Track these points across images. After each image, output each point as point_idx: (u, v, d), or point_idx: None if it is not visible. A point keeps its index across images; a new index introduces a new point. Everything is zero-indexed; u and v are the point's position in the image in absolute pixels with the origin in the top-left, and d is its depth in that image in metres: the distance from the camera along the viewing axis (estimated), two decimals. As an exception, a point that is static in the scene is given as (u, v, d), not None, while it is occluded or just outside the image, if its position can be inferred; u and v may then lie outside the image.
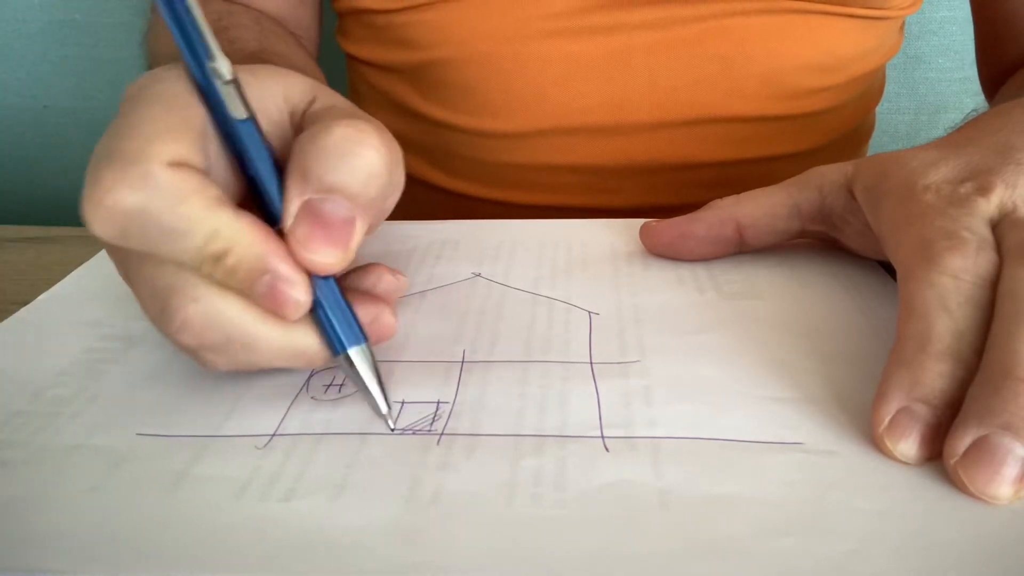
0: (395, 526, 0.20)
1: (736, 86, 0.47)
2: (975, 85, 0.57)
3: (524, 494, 0.21)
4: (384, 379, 0.24)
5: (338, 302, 0.24)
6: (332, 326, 0.24)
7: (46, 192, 0.84)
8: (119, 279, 0.28)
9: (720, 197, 0.51)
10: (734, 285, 0.32)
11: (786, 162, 0.50)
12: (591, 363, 0.27)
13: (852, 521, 0.20)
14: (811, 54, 0.47)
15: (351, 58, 0.55)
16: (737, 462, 0.22)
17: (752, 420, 0.24)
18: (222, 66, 0.23)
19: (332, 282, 0.24)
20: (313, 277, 0.23)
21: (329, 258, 0.23)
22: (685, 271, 0.33)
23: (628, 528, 0.20)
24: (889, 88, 0.75)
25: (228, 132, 0.23)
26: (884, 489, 0.21)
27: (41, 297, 0.33)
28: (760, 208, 0.33)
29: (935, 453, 0.22)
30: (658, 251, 0.35)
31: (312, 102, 0.25)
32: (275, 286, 0.22)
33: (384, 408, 0.24)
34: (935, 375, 0.22)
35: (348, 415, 0.25)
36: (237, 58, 0.23)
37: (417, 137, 0.52)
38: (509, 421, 0.24)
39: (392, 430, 0.24)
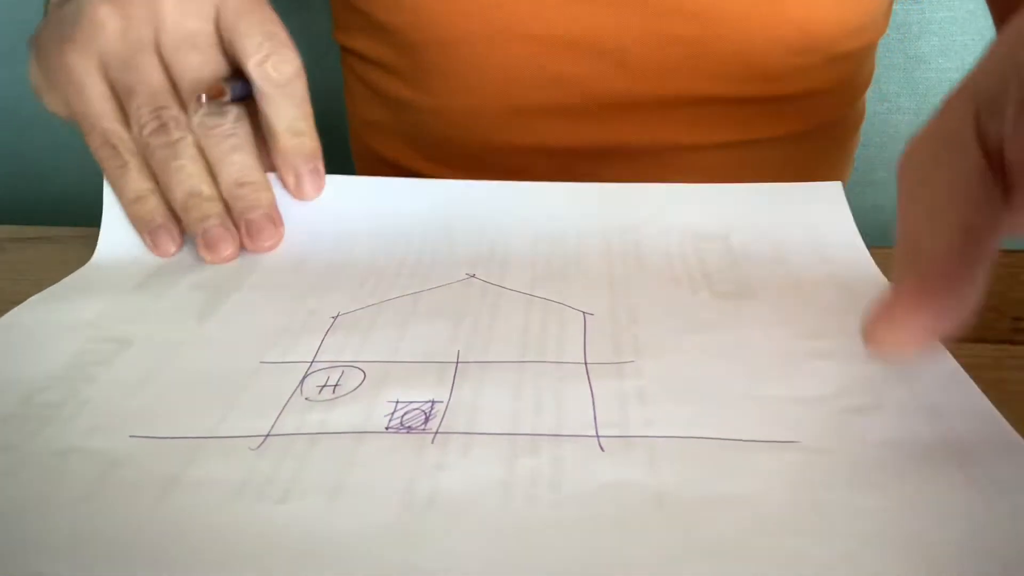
0: (392, 527, 0.20)
1: (707, 67, 0.47)
2: (975, 85, 0.56)
3: (520, 494, 0.21)
4: (376, 374, 0.25)
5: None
6: None
7: (46, 192, 0.84)
8: (110, 281, 0.29)
9: (696, 184, 0.49)
10: (728, 285, 0.32)
11: (764, 148, 0.50)
12: (586, 363, 0.27)
13: (850, 521, 0.20)
14: (783, 32, 0.46)
15: (344, 51, 0.56)
16: (733, 461, 0.22)
17: (748, 419, 0.24)
18: None
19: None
20: None
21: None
22: (679, 270, 0.34)
23: (624, 528, 0.20)
24: (889, 88, 0.75)
25: None
26: (882, 488, 0.21)
27: (31, 299, 0.33)
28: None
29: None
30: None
31: None
32: None
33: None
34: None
35: (342, 416, 0.24)
36: None
37: (403, 125, 0.53)
38: (504, 421, 0.24)
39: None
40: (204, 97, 0.35)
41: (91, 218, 0.38)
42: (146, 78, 0.36)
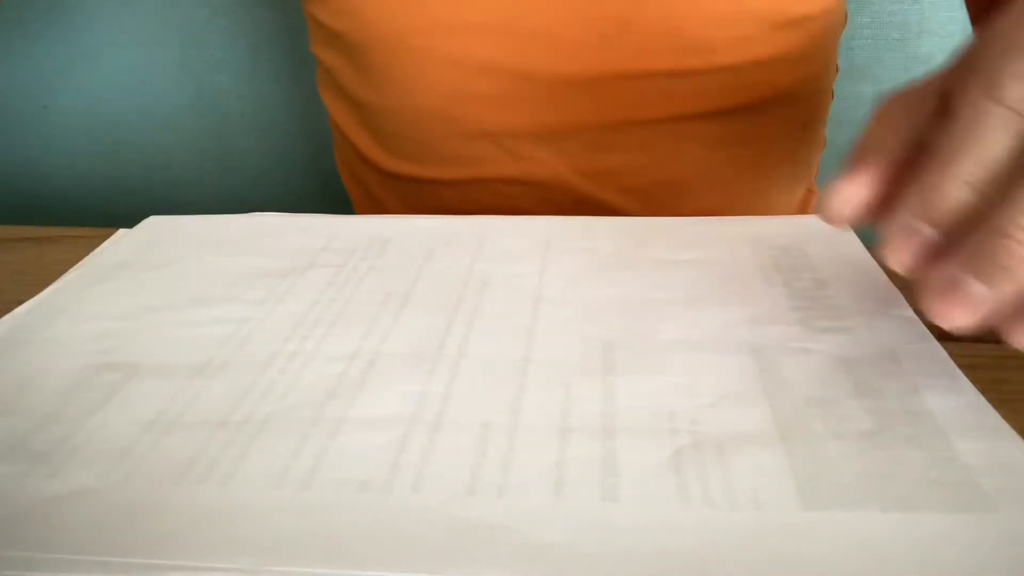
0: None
1: (638, 42, 0.46)
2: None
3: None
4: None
5: None
6: None
7: (46, 192, 0.84)
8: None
9: (647, 160, 0.48)
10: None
11: (710, 122, 0.49)
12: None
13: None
14: (716, 4, 0.45)
15: (317, 62, 0.57)
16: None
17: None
18: None
19: None
20: None
21: None
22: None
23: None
24: (889, 88, 0.75)
25: None
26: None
27: (40, 297, 0.33)
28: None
29: (924, 268, 0.23)
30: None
31: None
32: None
33: None
34: (947, 197, 0.22)
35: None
36: None
37: (368, 124, 0.54)
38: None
39: None
40: None
41: (91, 218, 0.38)
42: None
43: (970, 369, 0.27)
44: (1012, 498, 0.21)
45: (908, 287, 0.27)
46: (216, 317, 0.31)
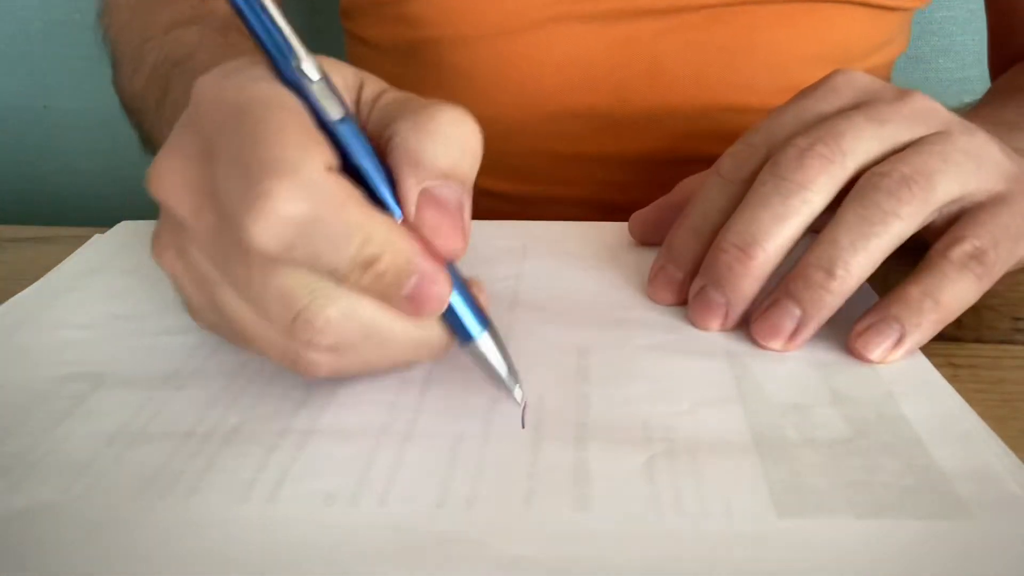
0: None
1: (741, 77, 0.46)
2: (975, 85, 0.57)
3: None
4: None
5: (463, 291, 0.24)
6: (458, 317, 0.24)
7: (46, 192, 0.84)
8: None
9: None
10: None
11: None
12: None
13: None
14: (820, 46, 0.46)
15: (353, 38, 0.54)
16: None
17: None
18: (309, 66, 0.22)
19: (455, 273, 0.24)
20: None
21: (457, 243, 0.23)
22: None
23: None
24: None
25: (327, 132, 0.23)
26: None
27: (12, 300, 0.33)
28: None
29: (680, 300, 0.31)
30: (647, 239, 0.36)
31: (361, 87, 0.25)
32: (421, 286, 0.22)
33: (518, 394, 0.25)
34: (681, 244, 0.30)
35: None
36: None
37: None
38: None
39: (523, 405, 0.25)
40: None
41: (91, 218, 0.38)
42: None
43: (970, 369, 0.27)
44: (987, 505, 0.21)
45: (886, 292, 0.28)
46: (186, 325, 0.30)
